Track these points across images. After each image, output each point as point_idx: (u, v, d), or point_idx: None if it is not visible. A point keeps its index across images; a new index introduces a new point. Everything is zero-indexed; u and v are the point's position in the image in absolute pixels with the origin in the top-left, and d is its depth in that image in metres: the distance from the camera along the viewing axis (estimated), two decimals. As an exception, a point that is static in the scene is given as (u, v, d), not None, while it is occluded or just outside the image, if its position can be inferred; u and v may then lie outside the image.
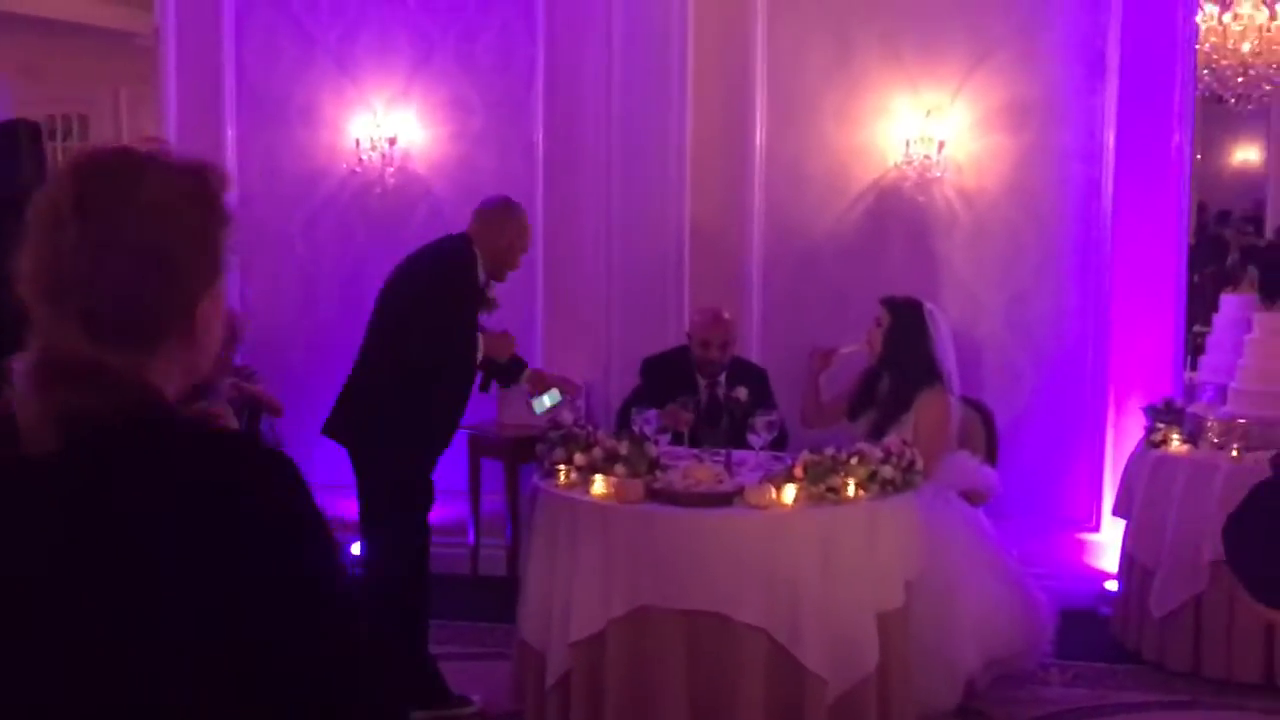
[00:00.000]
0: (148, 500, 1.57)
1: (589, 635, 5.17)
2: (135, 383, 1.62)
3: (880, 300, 6.35)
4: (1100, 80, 7.51)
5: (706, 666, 5.12)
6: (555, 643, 5.31)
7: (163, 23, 8.40)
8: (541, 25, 7.91)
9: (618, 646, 5.14)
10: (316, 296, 8.02)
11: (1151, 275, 7.54)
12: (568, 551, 5.31)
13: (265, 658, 1.57)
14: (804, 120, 7.80)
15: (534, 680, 5.47)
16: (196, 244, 1.67)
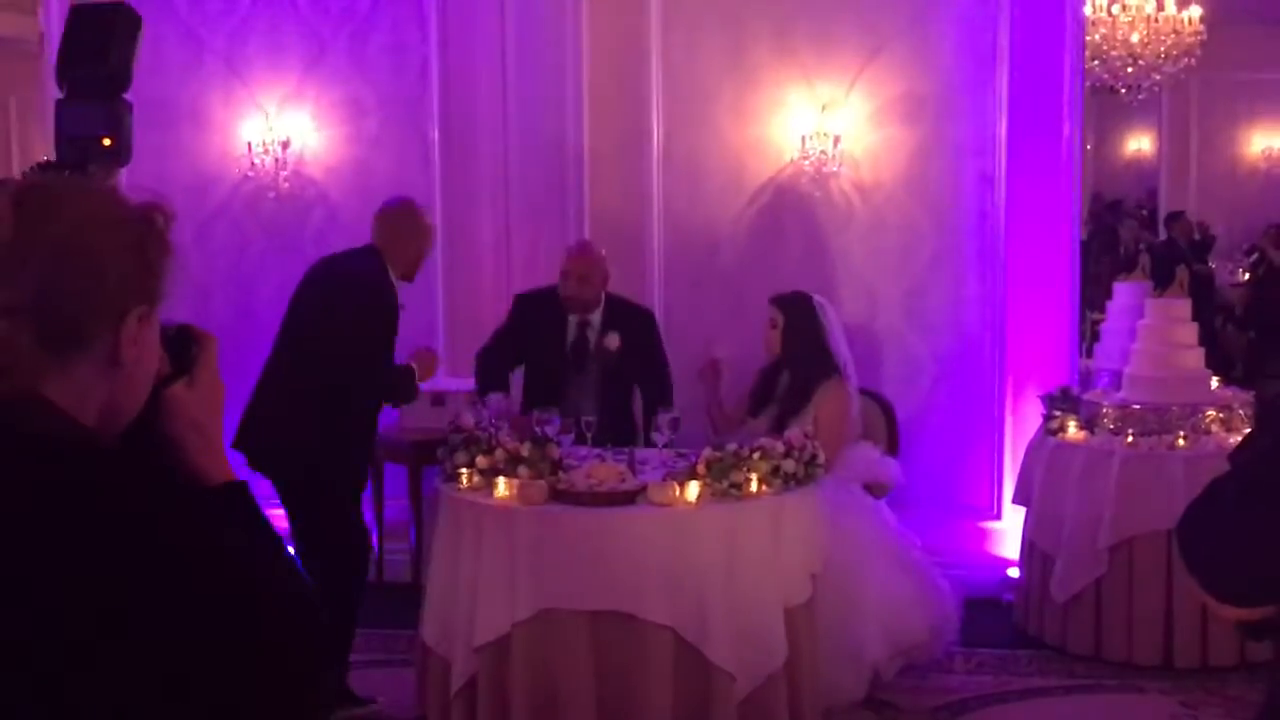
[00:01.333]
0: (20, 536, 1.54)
1: (494, 639, 5.13)
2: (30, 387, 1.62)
3: (770, 300, 6.33)
4: (992, 72, 7.57)
5: (613, 667, 5.11)
6: (460, 647, 5.27)
7: (46, 29, 8.24)
8: (434, 23, 7.85)
9: (523, 649, 5.11)
10: (210, 309, 7.85)
11: (1046, 265, 7.62)
12: (471, 555, 5.27)
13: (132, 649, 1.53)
14: (700, 117, 7.80)
15: (438, 686, 5.42)
16: (120, 261, 1.68)
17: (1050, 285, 7.62)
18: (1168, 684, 6.01)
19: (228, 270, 8.04)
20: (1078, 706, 5.85)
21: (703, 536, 5.21)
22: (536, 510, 5.23)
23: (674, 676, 5.09)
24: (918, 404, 7.56)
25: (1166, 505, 6.13)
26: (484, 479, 5.44)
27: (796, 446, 5.52)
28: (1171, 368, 6.74)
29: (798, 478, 5.43)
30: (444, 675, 5.37)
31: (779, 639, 5.22)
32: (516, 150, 7.66)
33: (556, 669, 5.11)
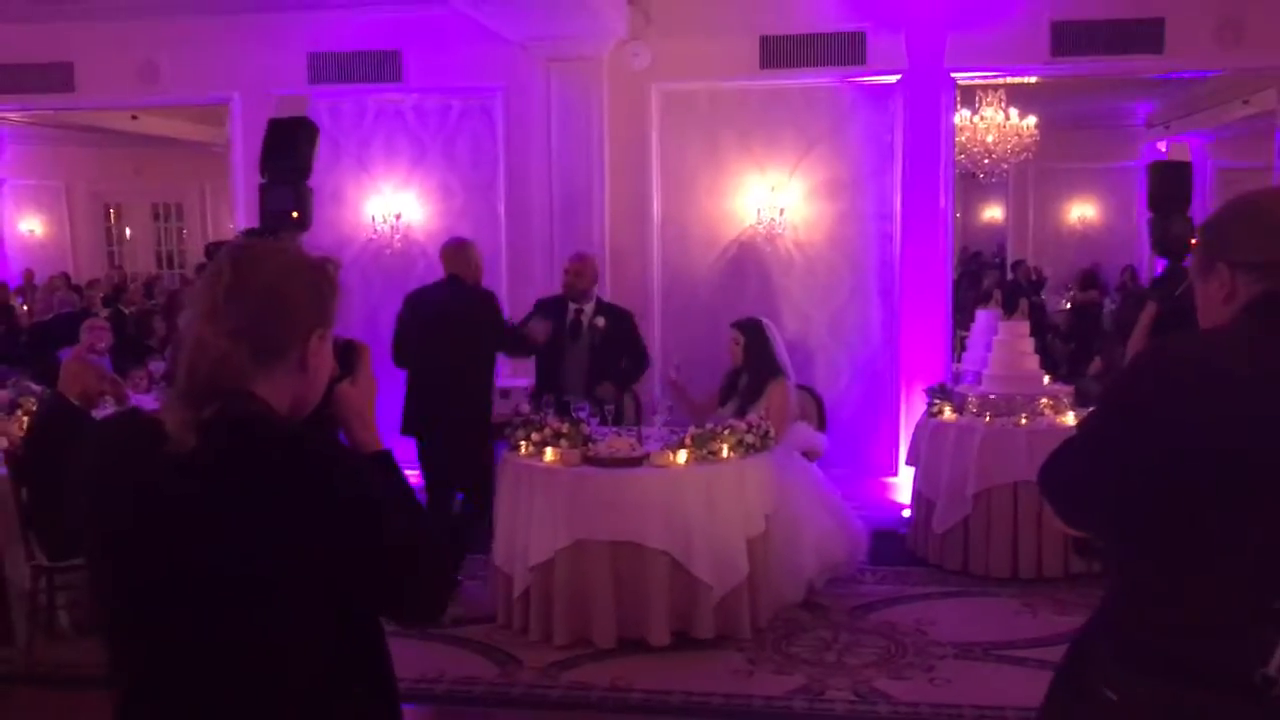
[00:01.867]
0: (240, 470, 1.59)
1: (543, 560, 5.12)
2: (247, 391, 1.66)
3: (732, 324, 6.25)
4: (890, 163, 7.53)
5: (627, 579, 5.08)
6: (519, 566, 5.25)
7: (232, 136, 8.23)
8: (501, 132, 7.85)
9: (564, 567, 5.10)
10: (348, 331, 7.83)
11: (928, 297, 7.57)
12: (527, 502, 5.25)
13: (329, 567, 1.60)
14: (686, 195, 7.75)
15: (504, 593, 5.40)
16: (307, 293, 1.72)
17: (931, 312, 7.58)
18: (1015, 590, 5.96)
19: (358, 303, 8.00)
20: (951, 606, 5.80)
21: (689, 488, 5.18)
22: (573, 470, 5.21)
23: (669, 586, 5.07)
24: (839, 395, 7.52)
25: (1013, 465, 6.13)
26: (536, 449, 5.42)
27: (754, 426, 5.50)
28: (1016, 369, 6.69)
29: (756, 447, 5.41)
30: (508, 586, 5.35)
31: (743, 560, 5.19)
32: (560, 220, 7.60)
33: (587, 581, 5.09)
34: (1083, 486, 1.92)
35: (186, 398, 1.62)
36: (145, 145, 14.35)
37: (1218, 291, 1.89)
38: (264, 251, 1.75)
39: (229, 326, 1.65)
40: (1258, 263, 1.84)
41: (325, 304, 1.75)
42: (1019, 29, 7.18)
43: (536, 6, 6.40)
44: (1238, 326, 1.84)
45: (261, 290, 1.68)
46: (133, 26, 7.99)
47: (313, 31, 7.84)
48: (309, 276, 1.74)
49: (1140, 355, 1.94)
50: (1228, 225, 1.92)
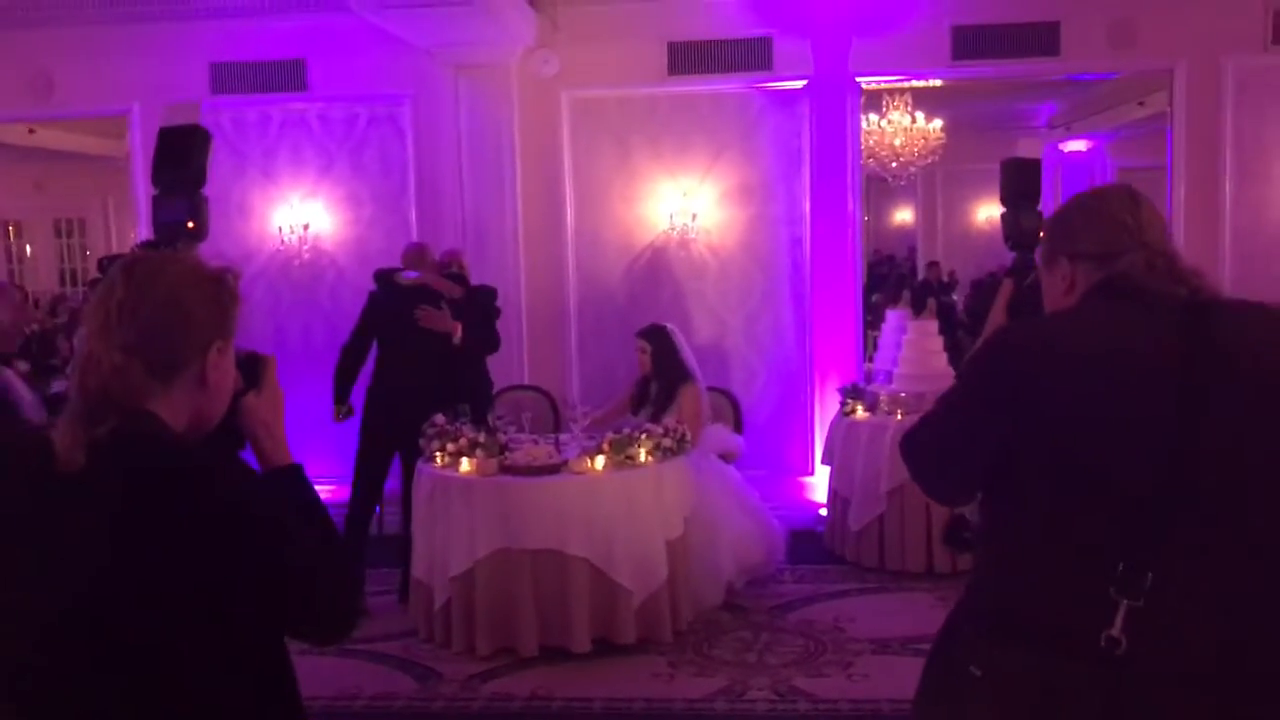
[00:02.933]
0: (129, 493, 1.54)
1: (462, 571, 5.08)
2: (142, 409, 1.60)
3: (637, 334, 6.23)
4: (799, 168, 7.59)
5: (548, 588, 5.06)
6: (438, 578, 5.21)
7: (132, 149, 8.03)
8: (410, 141, 7.74)
9: (484, 578, 5.06)
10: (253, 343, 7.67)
11: (838, 299, 7.63)
12: (444, 513, 5.20)
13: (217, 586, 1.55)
14: (599, 202, 7.73)
15: (424, 606, 5.35)
16: (207, 308, 1.68)
17: (841, 313, 7.64)
18: (930, 584, 6.05)
19: (265, 315, 7.87)
20: (868, 603, 5.88)
21: (608, 494, 5.18)
22: (490, 480, 5.18)
23: (590, 593, 5.06)
24: (754, 397, 7.57)
25: (925, 462, 6.21)
26: (452, 459, 5.37)
27: (671, 430, 5.52)
28: (926, 366, 6.79)
29: (672, 451, 5.43)
30: (428, 598, 5.30)
31: (662, 562, 5.21)
32: (471, 228, 7.54)
33: (508, 591, 5.06)
34: (940, 455, 2.03)
35: (79, 417, 1.57)
36: (45, 160, 13.95)
37: (1060, 282, 2.02)
38: (158, 263, 1.70)
39: (122, 340, 1.60)
40: (1095, 254, 1.96)
41: (225, 315, 1.70)
42: (921, 34, 7.32)
43: (440, 14, 6.35)
44: (1080, 309, 1.96)
45: (156, 303, 1.63)
46: (25, 36, 7.76)
47: (214, 40, 7.68)
48: (207, 288, 1.69)
49: (993, 335, 2.03)
50: (1068, 220, 2.04)
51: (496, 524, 5.05)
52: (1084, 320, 1.92)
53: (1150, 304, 1.86)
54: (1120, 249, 1.93)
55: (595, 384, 7.40)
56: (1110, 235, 1.95)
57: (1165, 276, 1.90)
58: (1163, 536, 1.78)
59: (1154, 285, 1.88)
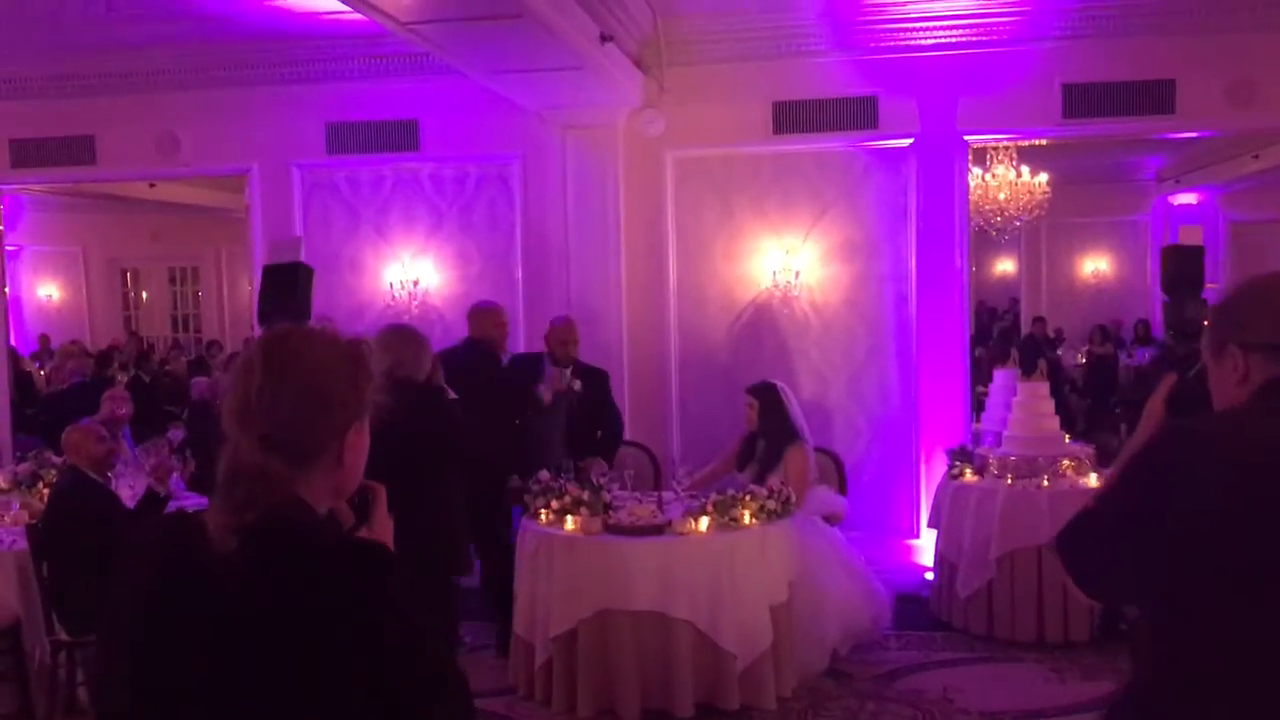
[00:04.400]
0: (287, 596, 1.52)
1: (565, 631, 5.10)
2: (290, 494, 1.58)
3: (746, 390, 6.23)
4: (904, 225, 7.55)
5: (651, 649, 5.05)
6: (540, 636, 5.23)
7: (251, 204, 8.33)
8: (518, 200, 7.89)
9: (586, 638, 5.07)
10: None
11: (945, 357, 7.55)
12: (547, 571, 5.23)
13: None
14: (702, 259, 7.78)
15: (525, 664, 5.37)
16: (346, 392, 1.65)
17: (949, 372, 7.56)
18: (1041, 655, 5.91)
19: (375, 369, 8.02)
20: (977, 672, 5.75)
21: (711, 556, 5.16)
22: (593, 539, 5.20)
23: (693, 656, 5.04)
24: (858, 457, 7.49)
25: (1036, 528, 6.08)
26: (556, 516, 5.41)
27: (775, 491, 5.49)
28: (1037, 431, 6.66)
29: (777, 513, 5.40)
30: (529, 656, 5.32)
31: (766, 628, 5.16)
32: (576, 285, 7.63)
33: (610, 651, 5.06)
34: (1103, 554, 1.92)
35: (227, 502, 1.57)
36: (162, 211, 14.55)
37: (1231, 373, 1.90)
38: (296, 345, 1.67)
39: (260, 431, 1.59)
40: (1271, 344, 1.85)
41: (361, 396, 1.68)
42: (1030, 92, 7.25)
43: (551, 78, 6.48)
44: (1253, 407, 1.84)
45: (295, 392, 1.61)
46: (152, 99, 8.12)
47: (330, 101, 7.95)
48: (344, 370, 1.66)
49: (1166, 429, 1.94)
50: (1240, 307, 1.94)
51: (600, 583, 5.06)
52: (1262, 416, 1.83)
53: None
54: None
55: (696, 441, 7.40)
56: None
57: None
58: None
59: None
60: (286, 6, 6.96)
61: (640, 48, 7.37)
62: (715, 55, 7.41)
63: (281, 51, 7.72)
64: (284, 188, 8.11)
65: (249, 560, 1.53)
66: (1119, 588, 2.00)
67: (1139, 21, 7.00)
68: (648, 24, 7.25)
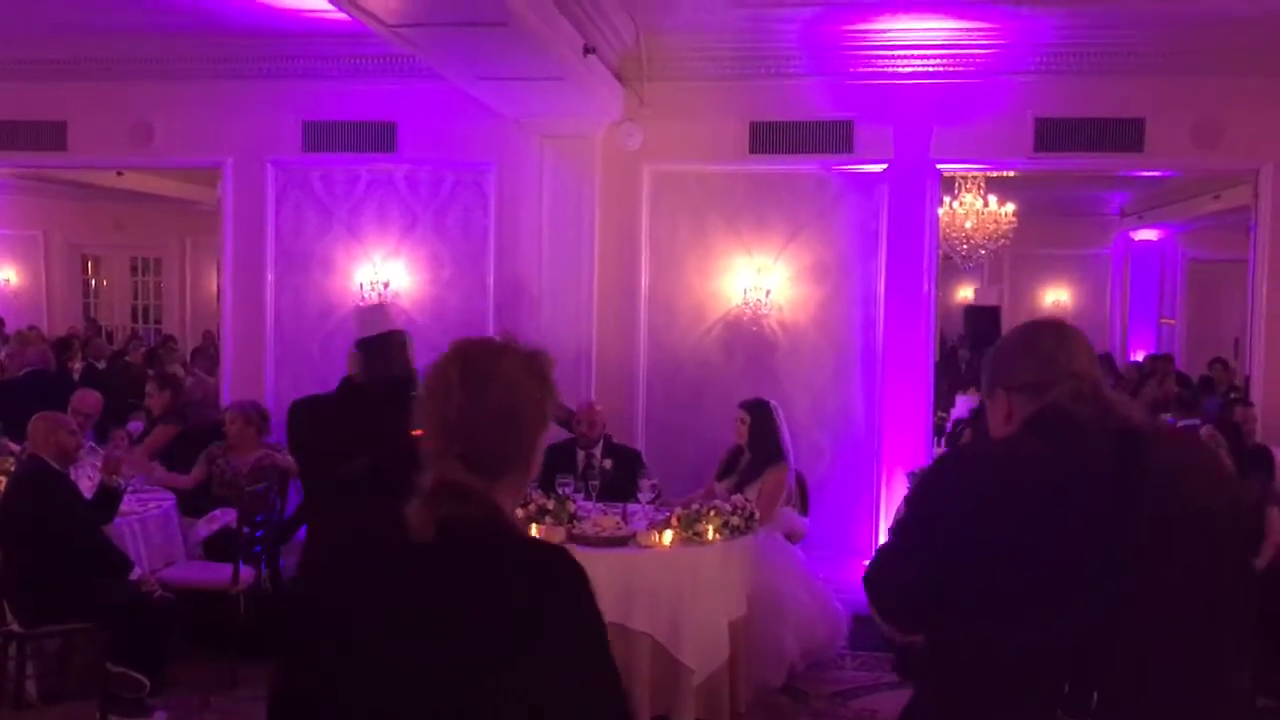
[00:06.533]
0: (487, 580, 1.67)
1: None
2: (488, 501, 1.72)
3: (740, 404, 6.26)
4: (875, 249, 7.63)
5: (610, 661, 5.05)
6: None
7: (223, 198, 8.27)
8: (493, 204, 7.90)
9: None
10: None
11: (910, 380, 7.61)
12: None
13: None
14: (674, 274, 7.82)
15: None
16: (534, 408, 1.78)
17: (913, 395, 7.62)
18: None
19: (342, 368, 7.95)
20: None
21: (673, 569, 5.19)
22: (558, 548, 5.20)
23: (650, 669, 5.05)
24: (821, 477, 7.53)
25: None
26: (521, 524, 5.41)
27: (740, 508, 5.53)
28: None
29: (740, 529, 5.44)
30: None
31: (724, 642, 5.19)
32: (548, 293, 7.64)
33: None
34: (900, 586, 2.11)
35: (427, 499, 1.70)
36: (127, 200, 14.38)
37: (1000, 412, 2.14)
38: (491, 363, 1.77)
39: (460, 451, 1.71)
40: (1026, 384, 2.09)
41: (546, 409, 1.82)
42: (1004, 124, 7.36)
43: (532, 87, 6.50)
44: (1017, 438, 2.08)
45: (493, 414, 1.73)
46: (127, 88, 8.05)
47: (308, 100, 7.92)
48: (536, 388, 1.79)
49: (934, 463, 2.22)
50: (1002, 354, 2.20)
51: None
52: (1021, 448, 2.04)
53: (1080, 431, 2.00)
54: (1051, 380, 2.05)
55: (661, 452, 7.41)
56: (1041, 368, 2.08)
57: (1092, 405, 2.03)
58: (1104, 656, 1.86)
59: (1083, 413, 2.02)
60: (269, 2, 6.93)
61: (622, 61, 7.42)
62: (696, 72, 7.47)
63: (262, 47, 7.69)
64: (258, 183, 8.06)
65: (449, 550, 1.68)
66: (917, 616, 2.13)
67: (1112, 60, 7.14)
68: (630, 38, 7.29)
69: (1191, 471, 2.04)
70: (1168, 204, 13.80)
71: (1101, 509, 1.92)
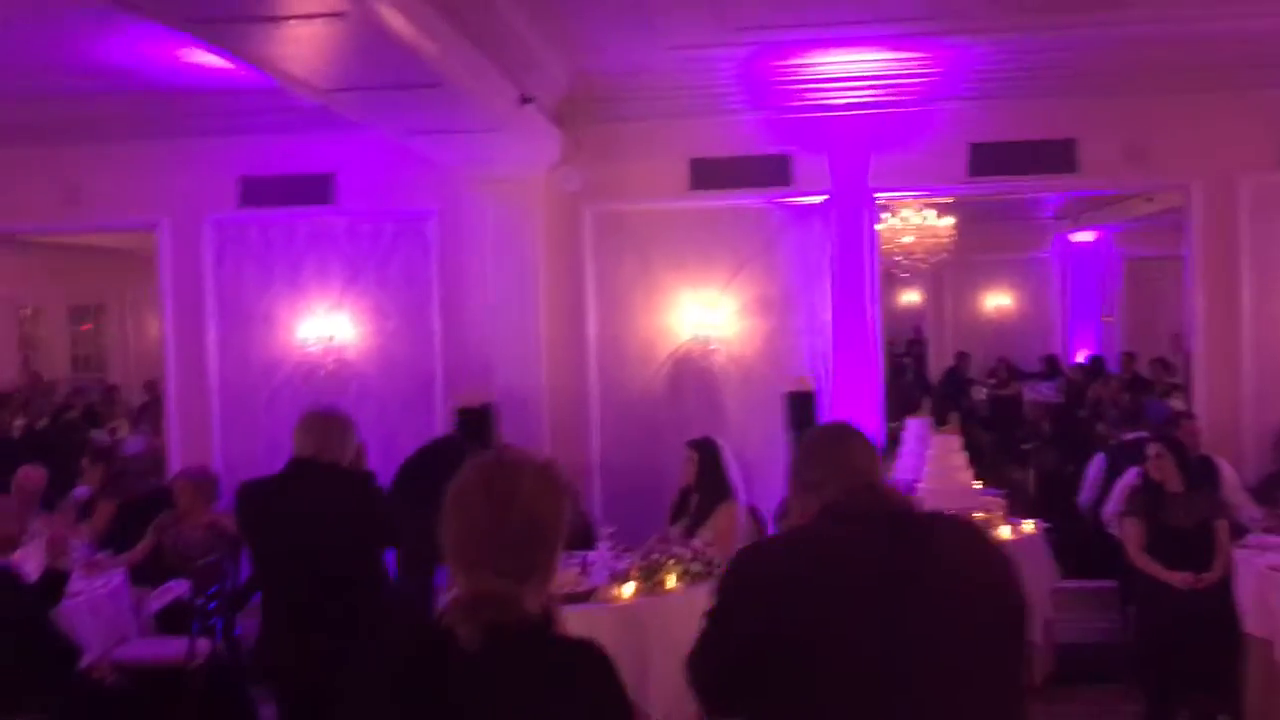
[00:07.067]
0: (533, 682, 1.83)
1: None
2: (521, 606, 1.87)
3: (687, 444, 6.25)
4: (819, 279, 7.64)
5: None
6: None
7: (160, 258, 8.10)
8: (435, 254, 7.83)
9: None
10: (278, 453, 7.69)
11: (861, 409, 7.55)
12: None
13: None
14: (621, 313, 7.78)
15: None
16: (554, 519, 1.96)
17: (864, 423, 7.53)
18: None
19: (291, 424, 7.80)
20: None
21: (638, 622, 5.13)
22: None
23: (619, 726, 5.00)
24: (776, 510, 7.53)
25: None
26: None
27: (699, 553, 5.50)
28: (950, 482, 6.78)
29: (701, 575, 5.39)
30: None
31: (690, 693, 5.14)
32: (495, 338, 7.58)
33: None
34: (715, 672, 2.28)
35: (470, 610, 1.84)
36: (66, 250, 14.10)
37: (800, 506, 2.39)
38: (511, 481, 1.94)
39: (493, 564, 1.86)
40: (815, 483, 2.34)
41: (565, 516, 1.99)
42: (939, 150, 7.42)
43: (474, 139, 6.46)
44: (806, 530, 2.34)
45: (519, 528, 1.90)
46: (56, 151, 7.89)
47: (243, 155, 7.81)
48: (553, 499, 1.97)
49: (734, 556, 2.43)
50: (799, 456, 2.45)
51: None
52: (808, 539, 2.30)
53: (859, 521, 2.22)
54: (832, 479, 2.30)
55: (618, 497, 7.38)
56: (823, 469, 2.33)
57: (868, 498, 2.26)
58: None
59: (861, 507, 2.24)
60: (197, 63, 6.81)
61: (558, 104, 7.38)
62: (633, 112, 7.46)
63: (194, 104, 7.54)
64: (195, 242, 7.93)
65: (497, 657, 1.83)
66: (725, 700, 2.30)
67: (1043, 84, 7.22)
68: (565, 82, 7.26)
69: (965, 550, 2.26)
70: (1102, 207, 14.02)
71: (881, 591, 2.11)
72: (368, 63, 4.77)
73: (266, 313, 7.98)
